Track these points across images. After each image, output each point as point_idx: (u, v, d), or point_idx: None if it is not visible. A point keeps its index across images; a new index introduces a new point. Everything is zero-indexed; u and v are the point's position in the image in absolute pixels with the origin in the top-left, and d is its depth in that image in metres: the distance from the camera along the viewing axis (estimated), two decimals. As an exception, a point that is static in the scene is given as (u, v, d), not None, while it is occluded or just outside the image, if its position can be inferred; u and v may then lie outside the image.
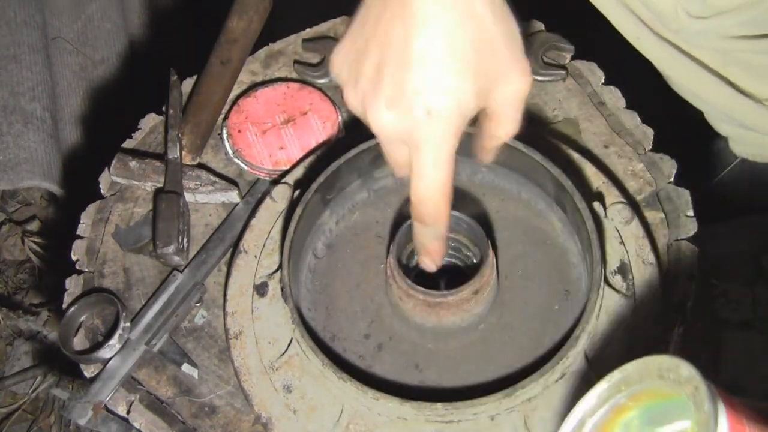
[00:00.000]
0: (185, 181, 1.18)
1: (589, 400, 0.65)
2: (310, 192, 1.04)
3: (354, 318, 1.06)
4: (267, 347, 1.01)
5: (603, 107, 1.22)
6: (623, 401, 0.64)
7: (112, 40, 1.97)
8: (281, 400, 0.98)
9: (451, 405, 0.90)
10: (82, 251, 1.15)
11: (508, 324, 1.04)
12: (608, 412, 0.64)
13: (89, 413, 1.02)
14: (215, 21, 1.32)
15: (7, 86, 1.80)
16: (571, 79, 1.25)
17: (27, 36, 1.84)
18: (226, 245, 1.14)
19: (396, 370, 1.02)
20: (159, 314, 1.08)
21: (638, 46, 1.31)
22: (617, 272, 1.03)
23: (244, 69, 1.31)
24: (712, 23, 1.20)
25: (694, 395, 0.57)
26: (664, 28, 1.24)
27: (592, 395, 0.65)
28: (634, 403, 0.63)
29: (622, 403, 0.64)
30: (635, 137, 1.18)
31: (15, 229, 2.05)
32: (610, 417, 0.64)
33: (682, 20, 1.20)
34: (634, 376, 0.63)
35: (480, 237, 1.00)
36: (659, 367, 0.60)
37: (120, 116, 1.42)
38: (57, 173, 1.78)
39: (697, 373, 0.57)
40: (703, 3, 1.18)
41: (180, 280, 1.10)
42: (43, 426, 1.81)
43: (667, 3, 1.20)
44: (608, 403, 0.64)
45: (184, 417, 1.02)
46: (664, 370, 0.60)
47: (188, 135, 1.22)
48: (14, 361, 1.90)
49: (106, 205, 1.19)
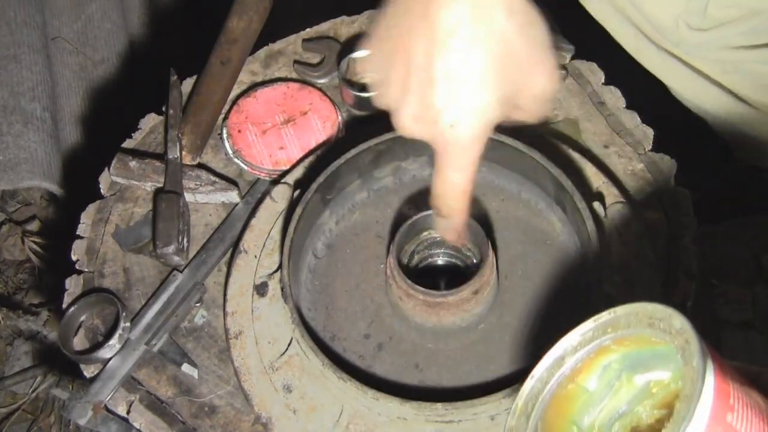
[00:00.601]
0: (185, 181, 1.18)
1: (573, 338, 0.64)
2: (310, 192, 1.04)
3: (354, 318, 1.06)
4: (267, 347, 1.01)
5: (603, 107, 1.22)
6: (607, 343, 0.62)
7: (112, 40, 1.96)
8: (281, 400, 0.98)
9: (451, 405, 0.90)
10: (82, 251, 1.15)
11: (508, 324, 1.04)
12: (590, 352, 0.63)
13: (89, 413, 1.02)
14: (215, 21, 1.32)
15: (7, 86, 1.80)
16: (571, 79, 1.25)
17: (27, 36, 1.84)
18: (226, 245, 1.14)
19: (396, 370, 1.02)
20: (159, 314, 1.08)
21: (638, 57, 1.31)
22: (617, 272, 1.03)
23: (244, 69, 1.31)
24: (713, 35, 1.20)
25: (683, 348, 0.55)
26: (665, 40, 1.25)
27: (576, 333, 0.64)
28: (618, 346, 0.62)
29: (606, 345, 0.63)
30: (635, 137, 1.18)
31: (15, 229, 2.05)
32: (591, 357, 0.63)
33: (683, 33, 1.21)
34: (622, 321, 0.61)
35: (480, 237, 1.00)
36: (651, 315, 0.59)
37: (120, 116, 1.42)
38: (57, 173, 1.78)
39: (689, 327, 0.56)
40: (704, 15, 1.18)
41: (180, 280, 1.10)
42: (43, 426, 1.81)
43: (668, 16, 1.20)
44: (592, 344, 0.63)
45: (184, 417, 1.02)
46: (655, 319, 0.59)
47: (188, 135, 1.22)
48: (14, 361, 1.90)
49: (106, 205, 1.19)
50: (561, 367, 0.64)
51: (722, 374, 0.55)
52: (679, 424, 0.52)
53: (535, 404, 0.64)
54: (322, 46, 1.32)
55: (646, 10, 1.24)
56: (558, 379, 0.64)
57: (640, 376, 0.62)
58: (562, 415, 0.64)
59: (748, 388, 0.57)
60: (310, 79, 1.29)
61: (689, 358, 0.54)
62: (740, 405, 0.55)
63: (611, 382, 0.63)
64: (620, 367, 0.63)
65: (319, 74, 1.29)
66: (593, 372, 0.64)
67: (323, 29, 1.36)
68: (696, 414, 0.52)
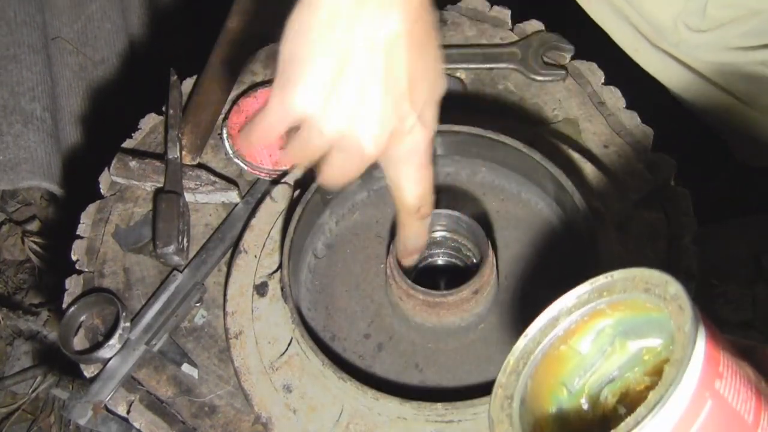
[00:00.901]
0: (185, 181, 1.18)
1: (568, 300, 0.64)
2: (310, 192, 1.04)
3: (354, 318, 1.06)
4: (267, 347, 1.01)
5: (603, 107, 1.22)
6: (602, 307, 0.62)
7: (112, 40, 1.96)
8: (281, 400, 0.98)
9: (451, 405, 0.90)
10: (82, 251, 1.15)
11: (508, 324, 1.04)
12: (584, 315, 0.63)
13: (89, 413, 1.02)
14: (215, 21, 1.32)
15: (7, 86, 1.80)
16: (571, 79, 1.25)
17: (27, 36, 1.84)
18: (226, 245, 1.14)
19: (396, 370, 1.02)
20: (159, 314, 1.08)
21: (637, 58, 1.31)
22: (617, 272, 1.03)
23: (244, 69, 1.31)
24: (713, 35, 1.20)
25: (676, 314, 0.55)
26: (664, 41, 1.25)
27: (572, 295, 0.64)
28: (612, 311, 0.62)
29: (601, 308, 0.62)
30: (635, 137, 1.18)
31: (15, 229, 2.05)
32: (585, 320, 0.63)
33: (682, 33, 1.21)
34: (618, 285, 0.61)
35: (480, 237, 1.00)
36: (647, 280, 0.59)
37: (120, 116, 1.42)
38: (57, 173, 1.78)
39: (684, 293, 0.56)
40: (703, 15, 1.18)
41: (180, 280, 1.10)
42: (43, 426, 1.81)
43: (667, 16, 1.20)
44: (587, 306, 0.63)
45: (184, 417, 1.02)
46: (652, 284, 0.58)
47: (188, 135, 1.22)
48: (14, 361, 1.90)
49: (106, 205, 1.19)
50: (555, 328, 0.64)
51: (714, 342, 0.55)
52: (668, 387, 0.52)
53: (526, 363, 0.64)
54: (322, 46, 1.32)
55: (644, 10, 1.24)
56: (551, 340, 0.64)
57: (633, 343, 0.62)
58: (553, 375, 0.64)
59: (739, 360, 0.57)
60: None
61: (681, 324, 0.54)
62: (729, 373, 0.55)
63: (604, 347, 0.64)
64: (614, 333, 0.63)
65: (319, 74, 1.29)
66: (586, 335, 0.64)
67: (323, 29, 1.35)
68: (684, 378, 0.52)
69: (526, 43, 1.27)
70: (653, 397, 0.52)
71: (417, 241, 0.94)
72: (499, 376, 0.64)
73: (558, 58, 1.27)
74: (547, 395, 0.64)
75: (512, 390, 0.63)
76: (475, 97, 1.25)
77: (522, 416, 0.62)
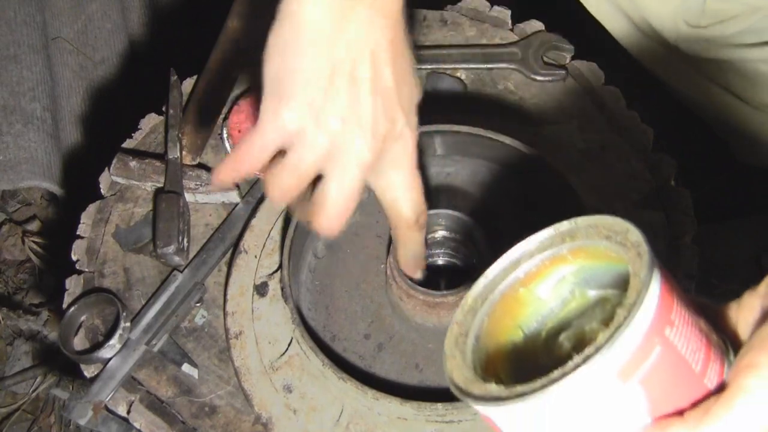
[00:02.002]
0: (185, 181, 1.18)
1: (530, 243, 0.64)
2: (310, 192, 1.04)
3: (354, 318, 1.06)
4: (267, 347, 1.01)
5: (603, 107, 1.22)
6: (563, 253, 0.63)
7: (112, 40, 1.96)
8: (281, 400, 0.98)
9: (451, 405, 0.90)
10: (82, 251, 1.15)
11: (508, 324, 1.04)
12: (546, 260, 0.63)
13: (89, 413, 1.02)
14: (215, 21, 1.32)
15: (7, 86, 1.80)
16: (571, 79, 1.25)
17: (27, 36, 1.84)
18: (226, 245, 1.14)
19: (396, 370, 1.02)
20: (159, 314, 1.08)
21: (637, 55, 1.31)
22: (617, 272, 1.03)
23: (245, 69, 1.31)
24: (712, 32, 1.20)
25: (634, 261, 0.56)
26: (663, 37, 1.25)
27: (535, 239, 0.64)
28: (574, 258, 0.62)
29: (562, 254, 0.63)
30: (635, 137, 1.18)
31: (15, 229, 2.05)
32: (546, 264, 0.64)
33: (682, 30, 1.20)
34: (581, 231, 0.62)
35: (479, 237, 1.00)
36: (610, 228, 0.59)
37: (120, 116, 1.41)
38: (57, 173, 1.78)
39: (644, 241, 0.56)
40: (702, 11, 1.18)
41: (180, 280, 1.10)
42: (43, 426, 1.81)
43: (666, 13, 1.20)
44: (548, 251, 0.63)
45: (184, 417, 1.02)
46: (613, 232, 0.59)
47: (188, 135, 1.22)
48: (14, 361, 1.90)
49: (106, 205, 1.19)
50: (515, 270, 0.64)
51: (668, 291, 0.55)
52: (617, 328, 0.52)
53: (483, 302, 0.64)
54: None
55: (643, 5, 1.24)
56: (510, 282, 0.64)
57: (593, 292, 0.63)
58: (510, 316, 0.65)
59: (693, 312, 0.58)
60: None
61: (638, 270, 0.55)
62: (681, 323, 0.55)
63: (563, 294, 0.64)
64: (575, 281, 0.64)
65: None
66: (547, 280, 0.64)
67: (323, 29, 1.35)
68: (635, 321, 0.52)
69: (526, 43, 1.27)
70: (602, 338, 0.52)
71: (419, 253, 0.93)
72: (457, 313, 0.65)
73: (558, 58, 1.27)
74: (502, 335, 0.64)
75: (468, 327, 0.63)
76: (475, 97, 1.25)
77: (475, 352, 0.62)
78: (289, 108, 0.75)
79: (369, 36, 0.75)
